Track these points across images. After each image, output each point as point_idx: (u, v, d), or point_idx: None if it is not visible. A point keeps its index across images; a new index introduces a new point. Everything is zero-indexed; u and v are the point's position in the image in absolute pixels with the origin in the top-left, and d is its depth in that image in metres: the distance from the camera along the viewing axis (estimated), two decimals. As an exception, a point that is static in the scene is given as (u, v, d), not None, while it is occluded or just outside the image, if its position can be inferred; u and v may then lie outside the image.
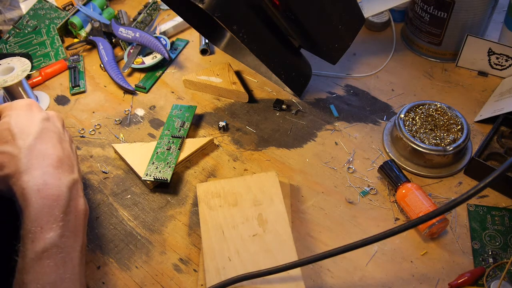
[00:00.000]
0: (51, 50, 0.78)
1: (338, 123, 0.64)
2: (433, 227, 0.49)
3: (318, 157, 0.60)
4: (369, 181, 0.57)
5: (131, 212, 0.56)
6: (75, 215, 0.43)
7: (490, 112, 0.61)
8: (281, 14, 0.58)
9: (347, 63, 0.73)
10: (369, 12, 0.72)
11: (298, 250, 0.49)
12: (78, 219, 0.43)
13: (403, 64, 0.73)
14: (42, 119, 0.48)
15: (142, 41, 0.74)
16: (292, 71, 0.62)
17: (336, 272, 0.49)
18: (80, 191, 0.46)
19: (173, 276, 0.50)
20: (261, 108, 0.67)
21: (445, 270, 0.49)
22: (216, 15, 0.50)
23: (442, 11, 0.66)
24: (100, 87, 0.73)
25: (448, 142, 0.55)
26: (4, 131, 0.45)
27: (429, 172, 0.57)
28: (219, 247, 0.47)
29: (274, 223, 0.49)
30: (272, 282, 0.45)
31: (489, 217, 0.52)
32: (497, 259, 0.49)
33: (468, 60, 0.69)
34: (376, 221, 0.53)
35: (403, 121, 0.58)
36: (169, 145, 0.60)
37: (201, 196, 0.52)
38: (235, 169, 0.60)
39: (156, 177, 0.56)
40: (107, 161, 0.62)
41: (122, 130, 0.66)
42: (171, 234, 0.54)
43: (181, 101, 0.70)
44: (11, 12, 0.82)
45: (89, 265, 0.51)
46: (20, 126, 0.46)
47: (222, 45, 0.74)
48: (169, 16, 0.85)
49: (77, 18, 0.79)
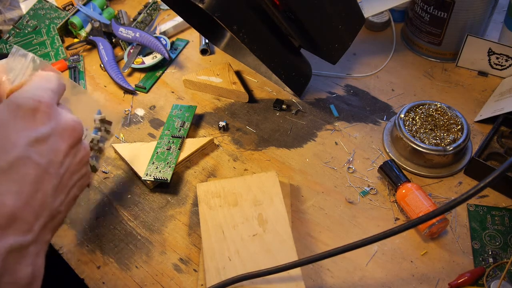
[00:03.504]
0: (51, 50, 0.78)
1: (338, 123, 0.64)
2: (433, 227, 0.49)
3: (318, 157, 0.60)
4: (369, 181, 0.57)
5: (131, 212, 0.56)
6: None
7: (490, 112, 0.61)
8: (281, 14, 0.58)
9: (347, 63, 0.73)
10: (369, 12, 0.72)
11: (298, 250, 0.49)
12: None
13: (403, 64, 0.73)
14: (33, 141, 0.34)
15: (142, 41, 0.74)
16: (292, 71, 0.62)
17: (336, 272, 0.49)
18: (29, 257, 0.33)
19: (173, 276, 0.50)
20: (261, 108, 0.67)
21: (445, 270, 0.49)
22: (216, 15, 0.50)
23: (442, 11, 0.66)
24: (100, 87, 0.73)
25: (448, 142, 0.55)
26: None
27: (429, 172, 0.57)
28: (219, 247, 0.47)
29: (274, 223, 0.49)
30: (272, 282, 0.45)
31: (489, 217, 0.52)
32: (497, 259, 0.49)
33: (468, 60, 0.69)
34: (376, 221, 0.53)
35: (403, 121, 0.58)
36: (169, 145, 0.60)
37: (201, 196, 0.52)
38: (235, 169, 0.60)
39: (156, 177, 0.56)
40: (107, 161, 0.62)
41: (122, 130, 0.66)
42: (171, 234, 0.54)
43: (181, 101, 0.70)
44: (11, 12, 0.81)
45: (89, 265, 0.51)
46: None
47: (222, 45, 0.74)
48: (169, 16, 0.85)
49: (77, 18, 0.79)
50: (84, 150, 0.40)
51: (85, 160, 0.41)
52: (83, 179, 0.41)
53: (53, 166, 0.36)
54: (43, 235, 0.35)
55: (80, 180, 0.41)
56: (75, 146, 0.39)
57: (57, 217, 0.37)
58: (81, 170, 0.40)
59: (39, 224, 0.34)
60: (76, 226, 0.55)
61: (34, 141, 0.34)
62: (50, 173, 0.35)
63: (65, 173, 0.37)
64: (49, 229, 0.36)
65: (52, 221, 0.36)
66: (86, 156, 0.41)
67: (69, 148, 0.37)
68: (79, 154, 0.39)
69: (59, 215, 0.37)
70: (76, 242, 0.53)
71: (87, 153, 0.41)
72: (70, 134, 0.37)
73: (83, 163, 0.40)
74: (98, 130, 0.50)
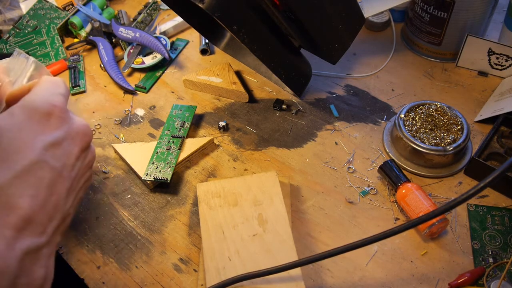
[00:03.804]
0: (51, 50, 0.78)
1: (338, 123, 0.64)
2: (433, 227, 0.49)
3: (318, 157, 0.60)
4: (369, 181, 0.57)
5: (131, 212, 0.56)
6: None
7: (490, 112, 0.61)
8: (281, 14, 0.58)
9: (347, 63, 0.73)
10: (369, 12, 0.72)
11: (298, 250, 0.49)
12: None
13: (403, 64, 0.73)
14: (48, 145, 0.35)
15: (142, 41, 0.74)
16: (292, 71, 0.62)
17: (336, 272, 0.49)
18: (42, 259, 0.34)
19: (173, 276, 0.50)
20: (261, 108, 0.67)
21: (445, 270, 0.49)
22: (216, 15, 0.50)
23: (442, 11, 0.66)
24: (100, 87, 0.73)
25: (448, 142, 0.55)
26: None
27: (429, 172, 0.57)
28: (219, 247, 0.47)
29: (274, 223, 0.49)
30: (272, 282, 0.45)
31: (489, 217, 0.52)
32: (497, 259, 0.49)
33: (468, 60, 0.69)
34: (376, 221, 0.53)
35: (403, 121, 0.58)
36: (169, 145, 0.60)
37: (201, 196, 0.52)
38: (235, 169, 0.60)
39: (156, 177, 0.56)
40: (107, 161, 0.62)
41: (122, 130, 0.66)
42: (171, 234, 0.54)
43: (181, 101, 0.70)
44: (11, 12, 0.81)
45: (89, 265, 0.51)
46: (8, 146, 0.33)
47: (222, 45, 0.74)
48: (169, 16, 0.85)
49: (77, 18, 0.79)
50: (91, 154, 0.41)
51: (91, 163, 0.41)
52: (88, 181, 0.42)
53: (66, 170, 0.36)
54: (55, 237, 0.36)
55: (86, 182, 0.41)
56: (86, 150, 0.39)
57: (67, 219, 0.38)
58: (87, 172, 0.41)
59: (52, 226, 0.35)
60: (76, 226, 0.55)
61: (49, 145, 0.35)
62: (64, 176, 0.36)
63: (76, 176, 0.38)
64: (60, 231, 0.37)
65: (63, 223, 0.37)
66: (93, 159, 0.42)
67: (80, 152, 0.38)
68: (88, 158, 0.40)
69: (69, 217, 0.38)
70: (76, 242, 0.53)
71: (94, 156, 0.42)
72: (82, 138, 0.38)
73: (89, 165, 0.41)
74: None
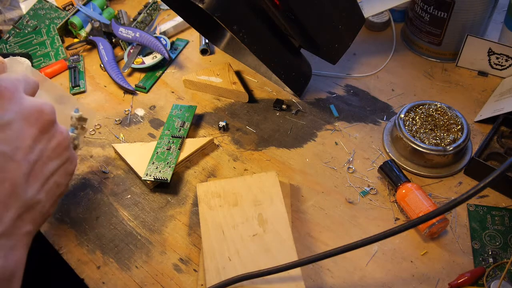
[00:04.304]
0: (51, 50, 0.78)
1: (338, 123, 0.64)
2: (433, 227, 0.49)
3: (318, 157, 0.60)
4: (369, 181, 0.57)
5: (131, 212, 0.56)
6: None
7: (490, 112, 0.61)
8: (281, 14, 0.58)
9: (347, 63, 0.73)
10: (369, 12, 0.72)
11: (298, 250, 0.49)
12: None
13: (403, 64, 0.73)
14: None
15: (142, 41, 0.74)
16: (292, 71, 0.62)
17: (336, 272, 0.49)
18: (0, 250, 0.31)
19: (173, 276, 0.50)
20: (261, 108, 0.67)
21: (445, 270, 0.49)
22: (216, 15, 0.50)
23: (442, 11, 0.66)
24: (100, 87, 0.73)
25: (448, 142, 0.55)
26: None
27: (429, 172, 0.57)
28: (219, 247, 0.47)
29: (274, 223, 0.49)
30: (272, 282, 0.45)
31: (489, 217, 0.52)
32: (497, 259, 0.49)
33: (468, 60, 0.69)
34: (376, 221, 0.53)
35: (403, 121, 0.58)
36: (169, 145, 0.60)
37: (201, 196, 0.52)
38: (235, 169, 0.60)
39: (156, 177, 0.56)
40: (107, 161, 0.62)
41: (122, 130, 0.66)
42: (171, 234, 0.54)
43: (181, 101, 0.70)
44: (11, 12, 0.81)
45: (89, 265, 0.51)
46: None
47: (222, 45, 0.74)
48: (169, 16, 0.85)
49: (77, 18, 0.79)
50: (60, 135, 0.37)
51: (63, 145, 0.38)
52: (65, 165, 0.38)
53: (20, 153, 0.33)
54: (19, 227, 0.33)
55: (62, 166, 0.38)
56: (47, 131, 0.36)
57: (36, 207, 0.34)
58: (60, 155, 0.37)
59: (10, 215, 0.32)
60: (76, 226, 0.55)
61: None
62: (17, 160, 0.33)
63: (38, 160, 0.35)
64: (28, 221, 0.33)
65: (30, 211, 0.34)
66: (64, 141, 0.38)
67: (38, 133, 0.35)
68: (55, 139, 0.37)
69: (38, 205, 0.35)
70: (76, 242, 0.53)
71: (65, 137, 0.38)
72: (38, 118, 0.35)
73: (62, 148, 0.37)
74: (74, 128, 0.49)
